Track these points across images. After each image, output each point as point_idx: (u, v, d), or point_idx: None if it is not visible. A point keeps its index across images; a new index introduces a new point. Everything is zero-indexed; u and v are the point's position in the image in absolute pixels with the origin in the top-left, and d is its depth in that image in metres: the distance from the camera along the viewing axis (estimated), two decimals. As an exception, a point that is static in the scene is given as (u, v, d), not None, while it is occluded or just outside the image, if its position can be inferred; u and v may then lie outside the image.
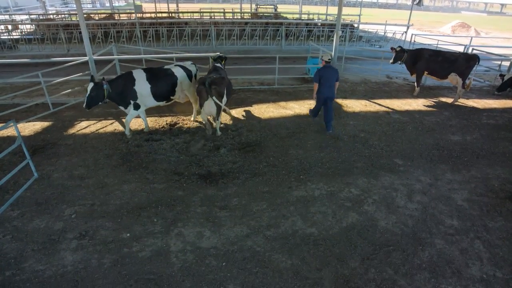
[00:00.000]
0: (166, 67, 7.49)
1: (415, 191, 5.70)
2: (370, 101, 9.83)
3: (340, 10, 10.62)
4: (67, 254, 4.29)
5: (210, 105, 6.80)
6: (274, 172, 6.09)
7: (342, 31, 17.74)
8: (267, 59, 13.43)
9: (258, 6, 31.56)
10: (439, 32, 28.29)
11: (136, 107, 7.04)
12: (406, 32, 18.65)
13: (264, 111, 8.76)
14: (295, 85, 11.05)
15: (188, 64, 7.79)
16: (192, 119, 8.16)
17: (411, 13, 18.64)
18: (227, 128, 7.70)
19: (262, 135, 7.42)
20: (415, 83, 10.54)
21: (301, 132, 7.62)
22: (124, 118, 7.53)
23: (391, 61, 10.52)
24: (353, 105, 9.44)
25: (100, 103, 6.67)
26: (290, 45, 17.79)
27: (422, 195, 5.61)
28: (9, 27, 20.86)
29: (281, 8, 36.90)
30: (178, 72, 7.41)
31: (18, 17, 25.83)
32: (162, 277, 4.00)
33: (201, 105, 6.92)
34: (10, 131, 7.35)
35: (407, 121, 8.48)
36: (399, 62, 10.47)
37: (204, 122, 7.35)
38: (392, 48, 10.50)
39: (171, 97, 7.51)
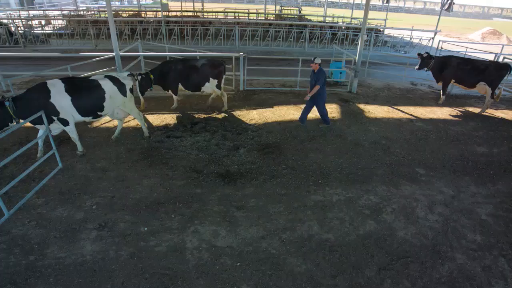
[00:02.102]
0: (93, 77, 6.43)
1: (436, 203, 5.54)
2: (393, 108, 9.63)
3: (366, 14, 10.47)
4: (87, 244, 4.42)
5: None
6: (293, 175, 6.06)
7: (367, 36, 17.48)
8: (290, 61, 13.37)
9: (283, 8, 31.52)
10: (468, 39, 27.42)
11: (64, 123, 5.99)
12: (433, 38, 18.18)
13: (285, 113, 8.73)
14: (316, 88, 10.94)
15: (123, 76, 6.65)
16: (146, 135, 7.23)
17: (439, 18, 18.13)
18: (247, 128, 7.72)
19: (281, 137, 7.40)
20: (441, 91, 10.26)
21: (321, 136, 7.54)
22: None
23: (416, 67, 10.28)
24: (375, 111, 9.28)
25: (5, 127, 5.56)
26: (313, 48, 17.67)
27: (444, 207, 5.45)
28: (43, 22, 21.71)
29: (306, 10, 36.71)
30: (106, 85, 6.27)
31: (51, 13, 26.79)
32: (177, 273, 4.05)
33: None
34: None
35: (431, 129, 8.26)
36: (425, 68, 10.20)
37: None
38: (418, 54, 10.25)
39: (99, 113, 6.35)
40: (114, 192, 5.45)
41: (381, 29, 21.58)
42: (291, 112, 8.78)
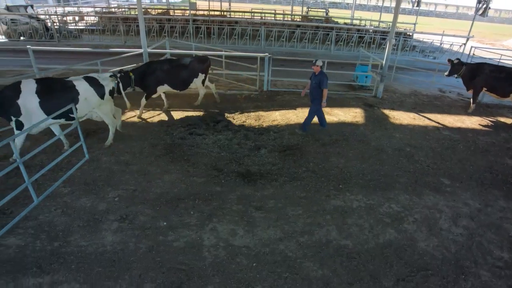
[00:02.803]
0: (70, 78, 6.15)
1: (461, 215, 5.34)
2: (419, 115, 9.37)
3: (395, 18, 10.22)
4: (108, 234, 4.54)
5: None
6: (313, 178, 6.00)
7: (395, 40, 17.09)
8: (315, 63, 13.28)
9: (309, 9, 31.33)
10: (502, 46, 26.27)
11: (18, 125, 5.62)
12: (465, 44, 17.54)
13: (308, 115, 8.65)
14: (341, 92, 10.81)
15: (103, 77, 6.36)
16: (107, 144, 6.80)
17: (472, 23, 17.47)
18: (269, 129, 7.71)
19: (303, 140, 7.34)
20: (471, 99, 9.88)
21: (344, 140, 7.43)
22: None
23: (446, 73, 9.95)
24: (400, 117, 9.06)
25: None
26: (339, 51, 17.46)
27: (469, 220, 5.24)
28: (76, 18, 22.56)
29: (333, 12, 36.33)
30: (81, 86, 6.00)
31: (84, 9, 27.77)
32: (193, 269, 4.09)
33: None
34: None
35: (459, 139, 7.97)
36: (455, 75, 9.86)
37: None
38: (449, 60, 9.92)
39: (70, 114, 5.93)
40: (136, 185, 5.57)
41: (410, 34, 21.05)
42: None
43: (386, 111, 9.37)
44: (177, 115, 8.35)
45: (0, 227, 4.50)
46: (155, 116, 8.22)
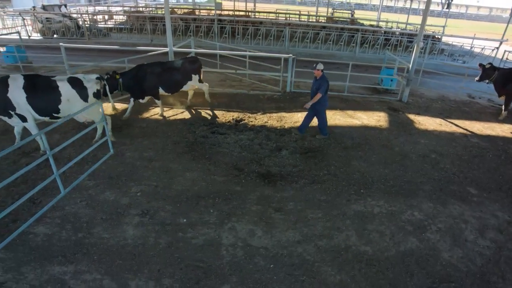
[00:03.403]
0: (55, 77, 6.14)
1: (489, 227, 5.12)
2: (446, 121, 9.06)
3: (424, 20, 9.93)
4: (129, 228, 4.65)
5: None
6: (334, 181, 5.92)
7: (423, 42, 16.61)
8: (339, 65, 13.09)
9: (335, 11, 30.98)
10: (539, 52, 25.01)
11: (22, 118, 5.92)
12: (497, 48, 16.83)
13: (330, 118, 8.55)
14: (365, 95, 10.62)
15: (88, 79, 6.25)
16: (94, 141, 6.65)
17: (507, 26, 16.73)
18: (291, 130, 7.68)
19: (325, 142, 7.26)
20: (503, 106, 9.47)
21: (367, 144, 7.30)
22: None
23: (476, 78, 9.58)
24: (426, 122, 8.79)
25: None
26: (364, 53, 17.16)
27: (497, 233, 5.02)
28: (106, 17, 23.28)
29: (359, 14, 35.79)
30: (63, 88, 5.97)
31: (113, 9, 28.63)
32: (211, 267, 4.12)
33: None
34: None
35: (488, 147, 7.65)
36: (487, 81, 9.48)
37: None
38: (480, 65, 9.54)
39: (54, 115, 6.07)
40: (158, 181, 5.68)
41: (439, 36, 20.41)
42: (336, 117, 8.59)
43: (411, 116, 9.13)
44: (199, 113, 8.44)
45: (29, 216, 4.72)
46: (179, 114, 8.35)
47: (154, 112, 8.33)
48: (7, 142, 6.53)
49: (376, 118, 8.73)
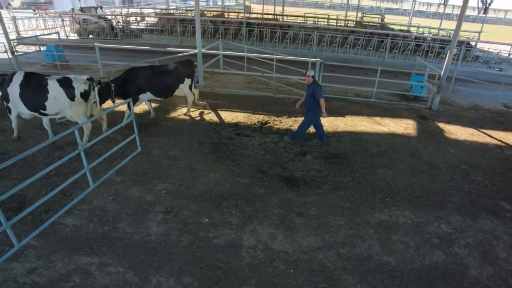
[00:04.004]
0: (50, 76, 6.36)
1: (524, 245, 4.85)
2: (479, 131, 8.68)
3: (459, 25, 9.57)
4: (153, 225, 4.75)
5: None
6: (358, 189, 5.81)
7: (457, 49, 16.02)
8: (366, 70, 12.86)
9: (364, 15, 30.49)
10: None
11: (8, 110, 6.42)
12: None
13: (357, 124, 8.41)
14: (393, 101, 10.37)
15: (78, 79, 6.31)
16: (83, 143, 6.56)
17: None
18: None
19: (350, 148, 7.14)
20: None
21: (393, 152, 7.11)
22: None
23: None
24: (457, 132, 8.46)
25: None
26: (394, 59, 16.74)
27: (533, 252, 4.74)
28: (138, 18, 24.05)
29: (389, 18, 35.03)
30: (52, 86, 6.14)
31: (146, 11, 29.53)
32: (231, 268, 4.14)
33: None
34: (125, 108, 8.39)
35: (525, 160, 7.26)
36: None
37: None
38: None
39: (41, 111, 6.32)
40: (182, 180, 5.77)
41: (473, 43, 19.61)
42: (363, 124, 8.43)
43: (441, 125, 8.81)
44: (225, 115, 8.53)
45: (60, 207, 4.93)
46: (205, 114, 8.48)
47: (181, 112, 8.49)
48: (43, 137, 6.86)
49: (404, 126, 8.49)
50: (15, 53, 10.61)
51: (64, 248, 4.30)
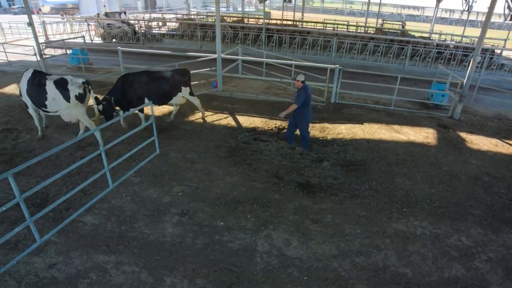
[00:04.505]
0: (50, 76, 6.61)
1: (550, 262, 4.64)
2: (503, 141, 8.39)
3: (483, 32, 9.32)
4: (169, 226, 4.81)
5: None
6: (375, 197, 5.71)
7: (480, 57, 15.60)
8: (386, 78, 12.68)
9: (385, 22, 30.13)
10: None
11: (25, 105, 6.93)
12: None
13: (375, 131, 8.29)
14: (413, 110, 10.17)
15: (74, 81, 6.46)
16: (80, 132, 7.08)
17: None
18: (333, 142, 7.54)
19: (368, 156, 7.04)
20: None
21: (412, 162, 6.96)
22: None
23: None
24: (479, 142, 8.21)
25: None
26: (414, 66, 16.45)
27: (560, 269, 4.53)
28: (160, 23, 24.58)
29: (410, 25, 34.50)
30: (49, 87, 6.40)
31: (167, 16, 30.15)
32: (244, 272, 4.14)
33: None
34: (145, 110, 8.57)
35: (553, 174, 6.97)
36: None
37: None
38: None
39: (42, 108, 6.68)
40: (199, 183, 5.83)
41: (499, 50, 19.04)
42: (381, 131, 8.31)
43: (463, 134, 8.58)
44: (243, 119, 8.58)
45: (80, 205, 5.07)
46: (223, 118, 8.55)
47: (199, 116, 8.60)
48: (67, 136, 7.09)
49: (423, 135, 8.31)
50: (43, 56, 11.05)
51: (82, 245, 4.41)
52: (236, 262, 4.28)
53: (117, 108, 7.37)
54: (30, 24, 10.62)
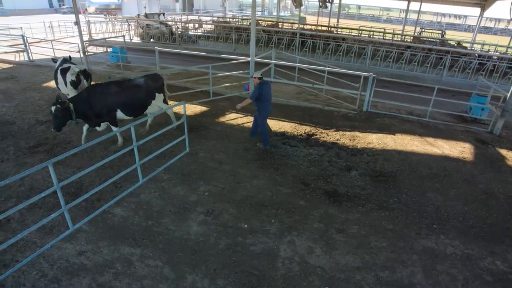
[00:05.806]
0: (65, 65, 7.73)
1: None
2: (548, 162, 7.85)
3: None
4: (194, 224, 4.90)
5: None
6: (404, 211, 5.52)
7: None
8: (422, 88, 12.24)
9: (423, 30, 29.17)
10: None
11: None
12: None
13: (407, 143, 8.02)
14: (449, 122, 9.75)
15: (73, 68, 7.56)
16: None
17: None
18: (363, 151, 7.38)
19: (399, 168, 6.82)
20: None
21: (446, 177, 6.67)
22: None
23: None
24: (522, 160, 7.73)
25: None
26: (452, 77, 15.78)
27: None
28: (196, 25, 25.18)
29: (450, 34, 33.16)
30: (58, 74, 7.67)
31: (203, 18, 30.86)
32: (265, 276, 4.13)
33: None
34: (177, 109, 8.81)
35: None
36: None
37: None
38: None
39: (63, 92, 7.95)
40: (225, 184, 5.90)
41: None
42: (414, 143, 8.02)
43: (503, 151, 8.10)
44: (272, 123, 8.59)
45: (111, 198, 5.28)
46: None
47: (230, 118, 8.70)
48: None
49: (459, 149, 7.94)
50: (86, 53, 11.65)
51: (110, 236, 4.59)
52: (258, 265, 4.28)
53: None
54: (77, 23, 11.26)
